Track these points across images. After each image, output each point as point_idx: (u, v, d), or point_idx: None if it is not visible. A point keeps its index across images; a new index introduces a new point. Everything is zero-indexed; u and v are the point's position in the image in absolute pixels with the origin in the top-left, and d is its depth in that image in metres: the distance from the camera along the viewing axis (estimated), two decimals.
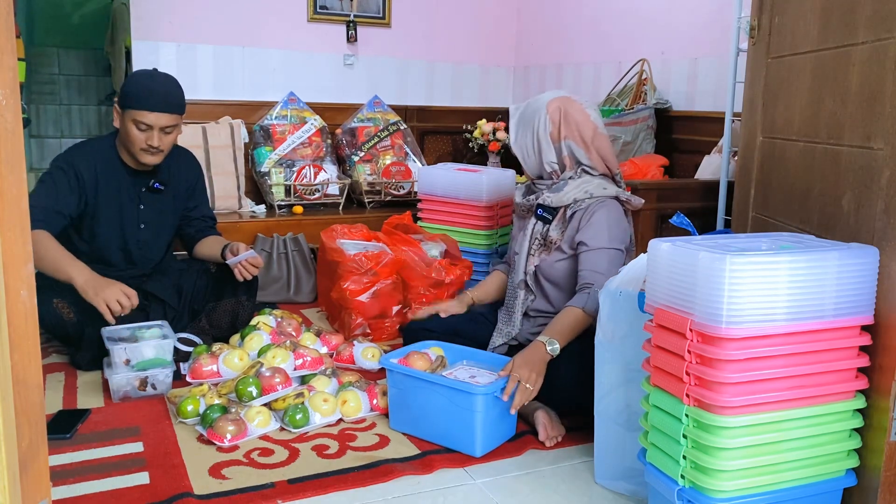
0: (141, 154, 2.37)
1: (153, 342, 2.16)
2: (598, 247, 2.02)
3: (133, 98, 2.31)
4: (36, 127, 5.80)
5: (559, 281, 2.12)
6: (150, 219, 2.52)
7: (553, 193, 2.10)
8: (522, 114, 2.16)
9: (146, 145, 2.35)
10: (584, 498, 1.69)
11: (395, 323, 2.75)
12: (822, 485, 1.43)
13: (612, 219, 2.05)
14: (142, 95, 2.31)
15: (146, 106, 2.31)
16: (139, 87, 2.33)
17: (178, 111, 2.40)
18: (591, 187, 2.08)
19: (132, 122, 2.32)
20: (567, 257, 2.09)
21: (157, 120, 2.32)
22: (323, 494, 1.66)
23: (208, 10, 3.76)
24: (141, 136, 2.34)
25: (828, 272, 1.36)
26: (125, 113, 2.33)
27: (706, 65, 3.18)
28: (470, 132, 4.21)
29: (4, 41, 0.76)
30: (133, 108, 2.31)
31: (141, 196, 2.50)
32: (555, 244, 2.11)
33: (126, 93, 2.33)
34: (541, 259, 2.13)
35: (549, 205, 2.11)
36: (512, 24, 4.53)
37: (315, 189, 3.69)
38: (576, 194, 2.07)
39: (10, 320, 0.78)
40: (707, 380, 1.35)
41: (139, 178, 2.48)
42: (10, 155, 0.77)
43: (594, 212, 2.04)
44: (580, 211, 2.07)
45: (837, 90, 1.62)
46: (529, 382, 1.84)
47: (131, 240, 2.49)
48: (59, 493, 1.62)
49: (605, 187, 2.09)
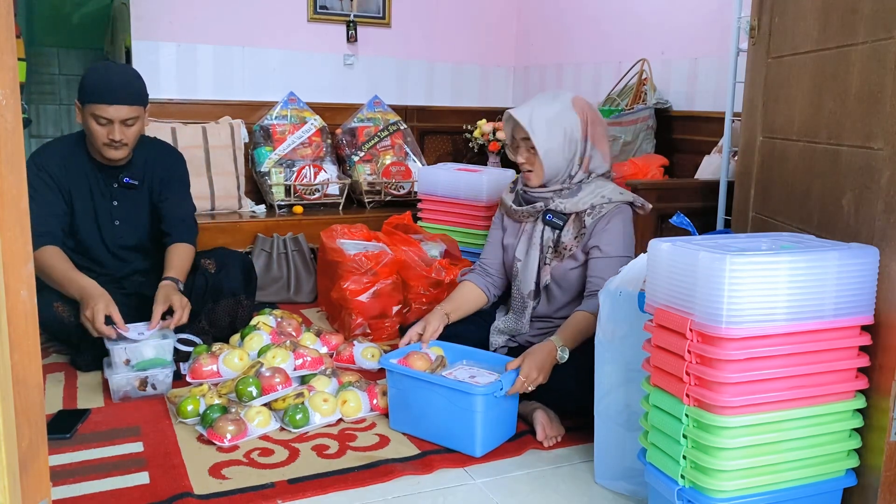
0: (104, 149, 2.32)
1: (153, 342, 2.16)
2: (613, 255, 2.00)
3: (90, 92, 2.26)
4: (36, 127, 5.79)
5: (568, 286, 2.11)
6: (124, 215, 2.49)
7: (567, 199, 2.05)
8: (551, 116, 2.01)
9: (108, 140, 2.30)
10: (584, 498, 1.69)
11: (395, 323, 2.74)
12: (822, 485, 1.43)
13: (627, 226, 2.04)
14: (99, 88, 2.25)
15: (104, 99, 2.25)
16: (95, 80, 2.27)
17: (139, 102, 2.33)
18: (607, 192, 2.05)
19: (91, 116, 2.27)
20: (580, 265, 2.07)
21: (116, 113, 2.26)
22: (323, 494, 1.66)
23: (208, 10, 3.76)
24: (102, 130, 2.29)
25: (828, 272, 1.36)
26: (85, 108, 2.28)
27: (706, 65, 3.18)
28: (470, 132, 4.21)
29: (4, 41, 0.76)
30: (91, 101, 2.26)
31: (113, 192, 2.46)
32: (568, 250, 2.06)
33: (83, 87, 2.28)
34: (552, 266, 2.09)
35: (561, 211, 2.05)
36: (512, 24, 4.53)
37: (315, 189, 3.69)
38: (592, 199, 2.03)
39: (10, 320, 0.78)
40: (707, 380, 1.35)
41: (110, 173, 2.45)
42: (10, 155, 0.77)
43: (611, 218, 2.02)
44: (598, 216, 2.02)
45: (837, 90, 1.62)
46: (533, 384, 1.85)
47: (108, 236, 2.48)
48: (59, 493, 1.62)
49: (621, 192, 2.07)
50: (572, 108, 2.03)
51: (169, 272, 2.35)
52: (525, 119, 2.01)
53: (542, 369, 1.85)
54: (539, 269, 2.11)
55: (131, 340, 2.15)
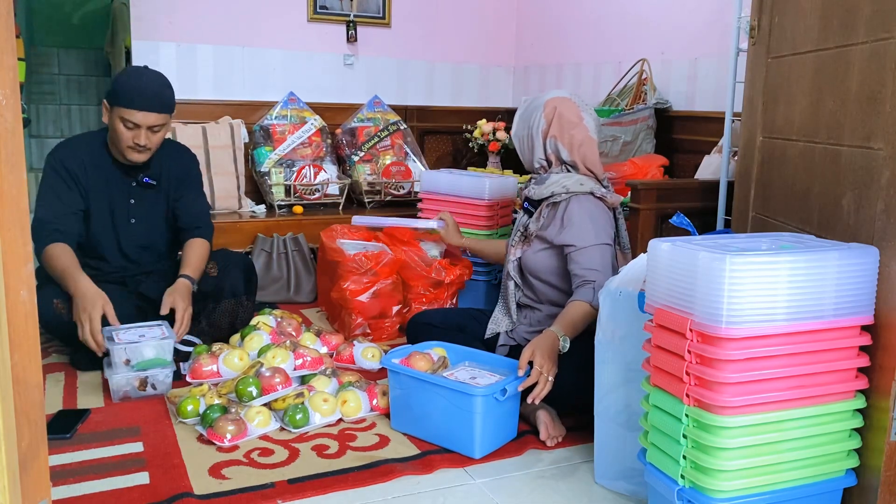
0: (128, 151, 2.37)
1: (153, 342, 2.16)
2: (586, 245, 2.03)
3: (122, 96, 2.30)
4: (36, 127, 5.79)
5: (541, 274, 2.15)
6: (141, 214, 2.52)
7: (536, 186, 2.16)
8: (524, 109, 2.22)
9: (133, 143, 2.34)
10: (584, 498, 1.69)
11: (395, 323, 2.75)
12: (822, 485, 1.43)
13: (592, 214, 2.07)
14: (131, 94, 2.30)
15: (135, 105, 2.29)
16: (129, 85, 2.31)
17: (168, 111, 2.38)
18: (568, 182, 2.10)
19: (120, 119, 2.31)
20: (544, 249, 2.13)
21: (144, 119, 2.31)
22: (323, 494, 1.66)
23: (208, 10, 3.76)
24: (128, 133, 2.33)
25: (828, 272, 1.36)
26: (113, 110, 2.33)
27: (706, 65, 3.18)
28: (470, 132, 4.21)
29: (4, 41, 0.76)
30: (121, 105, 2.30)
31: (131, 191, 2.49)
32: (532, 235, 2.16)
33: (115, 90, 2.32)
34: (521, 251, 2.19)
35: (532, 197, 2.17)
36: (512, 24, 4.53)
37: (315, 189, 3.69)
38: (553, 188, 2.11)
39: (10, 320, 0.78)
40: (707, 380, 1.35)
41: (129, 172, 2.48)
42: (10, 155, 0.77)
43: (567, 207, 2.08)
44: (554, 205, 2.12)
45: (837, 90, 1.62)
46: (551, 375, 1.85)
47: (123, 235, 2.50)
48: (59, 493, 1.62)
49: (581, 183, 2.11)
50: (542, 107, 2.16)
51: (185, 269, 2.41)
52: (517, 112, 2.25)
53: (553, 358, 1.87)
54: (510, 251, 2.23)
55: (126, 343, 2.13)
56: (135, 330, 2.20)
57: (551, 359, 1.86)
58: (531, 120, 2.18)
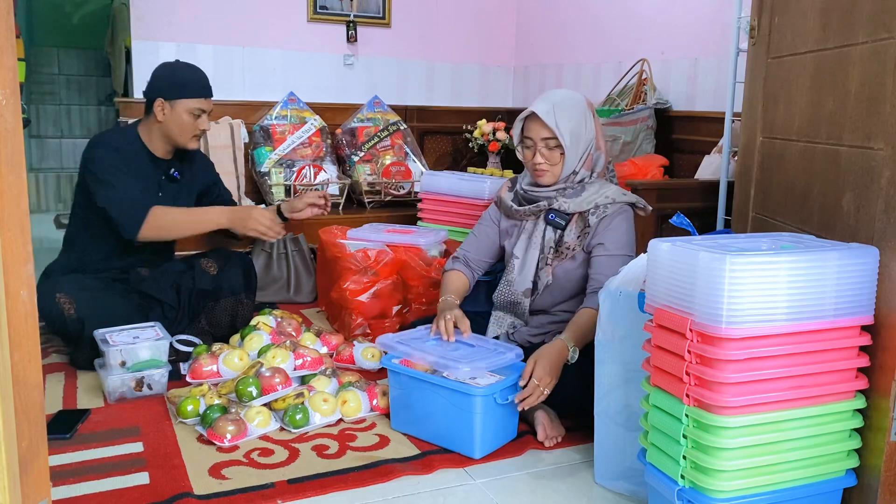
0: (191, 141, 2.49)
1: (148, 343, 2.15)
2: (616, 253, 2.01)
3: (189, 88, 2.43)
4: (36, 127, 5.79)
5: (569, 285, 2.11)
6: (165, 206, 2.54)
7: (571, 199, 2.06)
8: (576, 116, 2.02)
9: (199, 130, 2.48)
10: (584, 498, 1.69)
11: (395, 323, 2.74)
12: (822, 485, 1.43)
13: (630, 227, 2.07)
14: (197, 84, 2.45)
15: (203, 94, 2.46)
16: (186, 77, 2.45)
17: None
18: (611, 192, 2.06)
19: (187, 111, 2.43)
20: (579, 264, 2.07)
21: (209, 105, 2.49)
22: (323, 494, 1.66)
23: (208, 10, 3.76)
24: (195, 122, 2.45)
25: (828, 272, 1.36)
26: (176, 104, 2.42)
27: (706, 65, 3.19)
28: (470, 132, 4.21)
29: (4, 41, 0.76)
30: (187, 97, 2.42)
31: (160, 183, 2.54)
32: (571, 250, 2.07)
33: (174, 84, 2.43)
34: (558, 263, 2.09)
35: (564, 210, 2.06)
36: (512, 24, 4.53)
37: (315, 189, 3.69)
38: (597, 199, 2.05)
39: (10, 320, 0.78)
40: (707, 380, 1.35)
41: (160, 166, 2.53)
42: (10, 155, 0.77)
43: (614, 218, 2.04)
44: (601, 216, 2.04)
45: (837, 90, 1.62)
46: (548, 388, 1.83)
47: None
48: (59, 493, 1.62)
49: (624, 193, 2.08)
50: (587, 109, 2.07)
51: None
52: (552, 121, 2.00)
53: (554, 371, 1.84)
54: (538, 268, 2.11)
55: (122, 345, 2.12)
56: (129, 331, 2.20)
57: (552, 373, 1.84)
58: (583, 126, 2.03)
